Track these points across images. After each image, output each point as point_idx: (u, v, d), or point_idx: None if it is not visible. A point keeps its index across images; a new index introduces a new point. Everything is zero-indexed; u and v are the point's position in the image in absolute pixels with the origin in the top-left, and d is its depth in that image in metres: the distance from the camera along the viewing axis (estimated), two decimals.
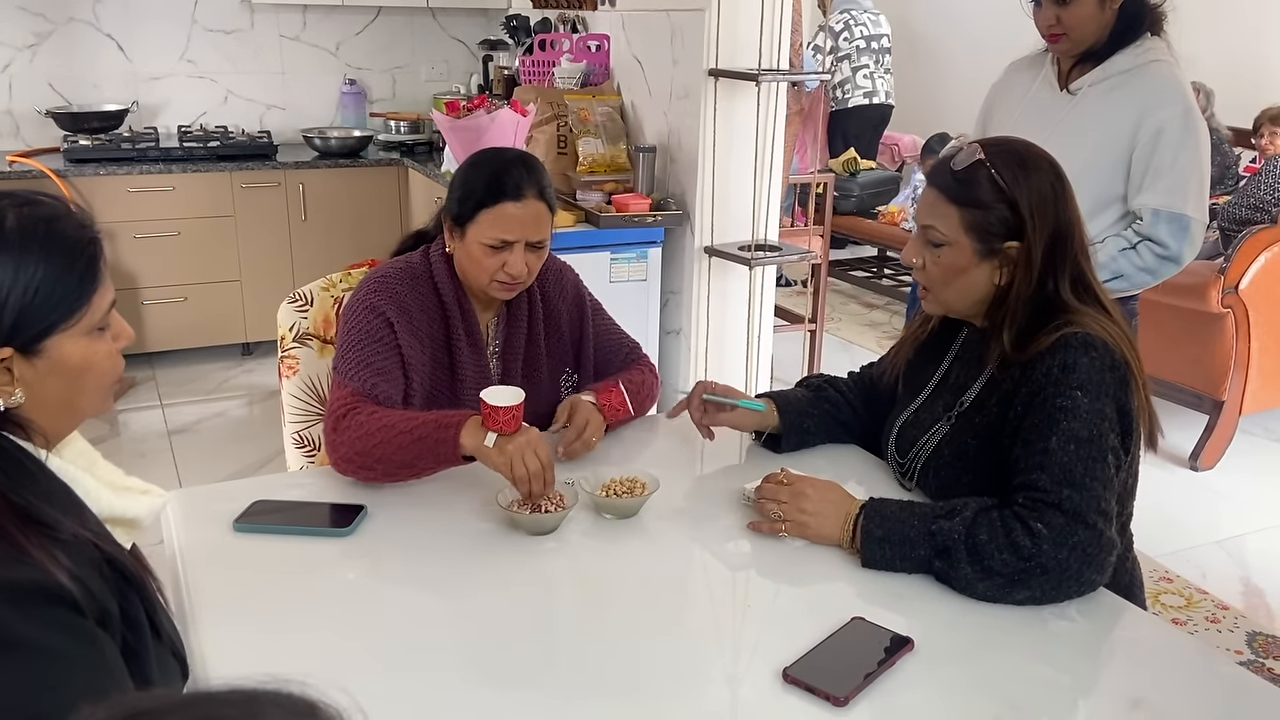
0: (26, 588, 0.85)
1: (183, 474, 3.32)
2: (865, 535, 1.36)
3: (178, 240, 4.08)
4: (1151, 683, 1.20)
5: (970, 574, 1.29)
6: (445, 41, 4.87)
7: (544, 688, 1.14)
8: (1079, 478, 1.31)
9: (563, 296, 1.85)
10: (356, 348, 1.64)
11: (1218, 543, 3.05)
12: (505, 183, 1.64)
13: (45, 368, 0.95)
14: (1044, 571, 1.27)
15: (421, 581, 1.36)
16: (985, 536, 1.29)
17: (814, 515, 1.42)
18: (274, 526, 1.44)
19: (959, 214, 1.42)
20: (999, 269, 1.44)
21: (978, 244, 1.43)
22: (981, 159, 1.41)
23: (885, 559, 1.35)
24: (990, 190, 1.41)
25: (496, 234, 1.64)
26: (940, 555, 1.32)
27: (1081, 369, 1.36)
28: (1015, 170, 1.41)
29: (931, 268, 1.47)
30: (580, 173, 3.36)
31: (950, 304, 1.50)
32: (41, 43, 4.20)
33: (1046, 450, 1.34)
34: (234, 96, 4.54)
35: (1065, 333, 1.38)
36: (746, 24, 3.06)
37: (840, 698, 1.09)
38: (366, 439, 1.53)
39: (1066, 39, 2.03)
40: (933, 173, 1.47)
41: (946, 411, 1.53)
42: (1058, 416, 1.34)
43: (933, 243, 1.46)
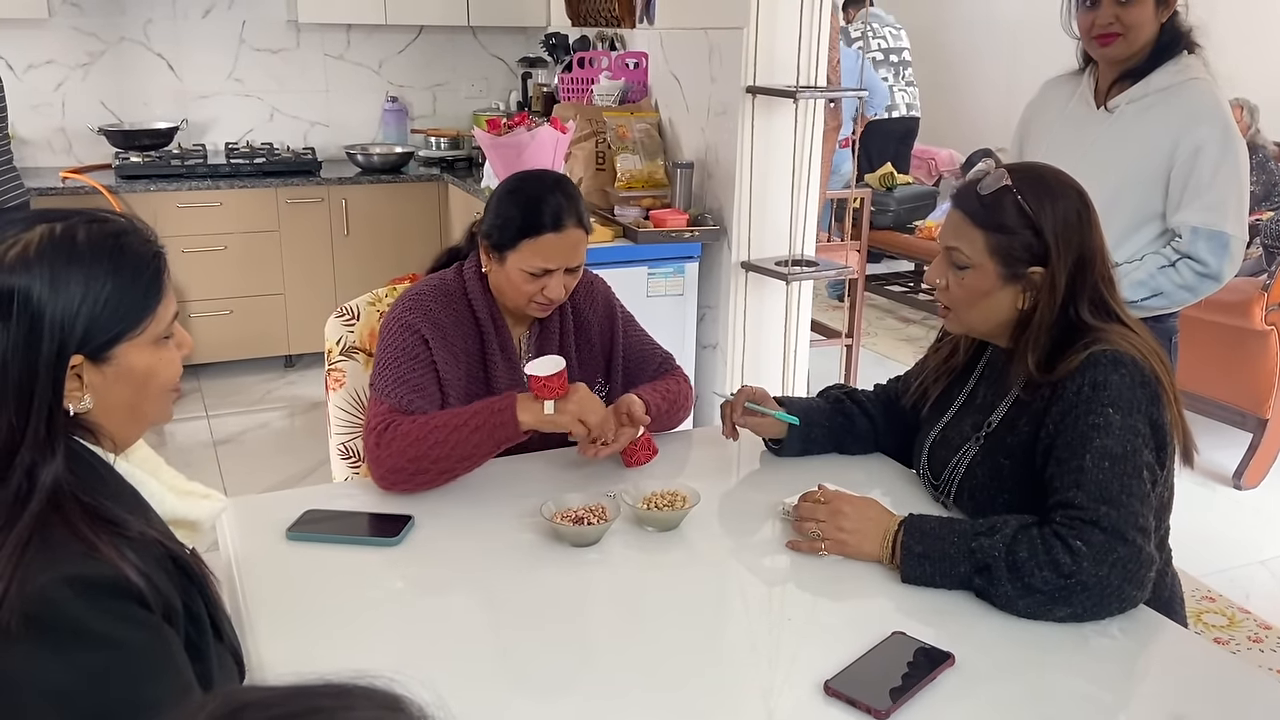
0: (97, 583, 0.90)
1: (228, 484, 3.38)
2: (905, 551, 1.37)
3: (224, 254, 4.17)
4: (1192, 702, 1.20)
5: (1011, 591, 1.30)
6: (485, 59, 4.94)
7: (584, 697, 1.16)
8: (1115, 494, 1.32)
9: (593, 308, 1.88)
10: (393, 365, 1.68)
11: (1261, 563, 3.01)
12: (545, 212, 1.68)
13: (113, 375, 1.00)
14: (1085, 589, 1.27)
15: (466, 590, 1.39)
16: (1025, 554, 1.30)
17: (853, 533, 1.43)
18: (325, 536, 1.48)
19: (984, 238, 1.44)
20: (1022, 294, 1.45)
21: (1002, 268, 1.44)
22: (1008, 184, 1.42)
23: (925, 575, 1.36)
24: (1016, 216, 1.42)
25: (538, 263, 1.68)
26: (980, 572, 1.32)
27: (1113, 386, 1.36)
28: (1041, 196, 1.42)
29: (955, 289, 1.48)
30: (618, 188, 3.39)
31: (972, 325, 1.52)
32: (94, 62, 4.31)
33: (1081, 469, 1.34)
34: (279, 114, 4.63)
35: (1094, 351, 1.39)
36: (784, 41, 3.08)
37: (881, 711, 1.10)
38: (418, 444, 1.57)
39: (1122, 40, 2.00)
40: (959, 195, 1.49)
41: (975, 431, 1.54)
42: (1091, 434, 1.35)
43: (957, 265, 1.47)
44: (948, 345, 1.67)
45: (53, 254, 0.96)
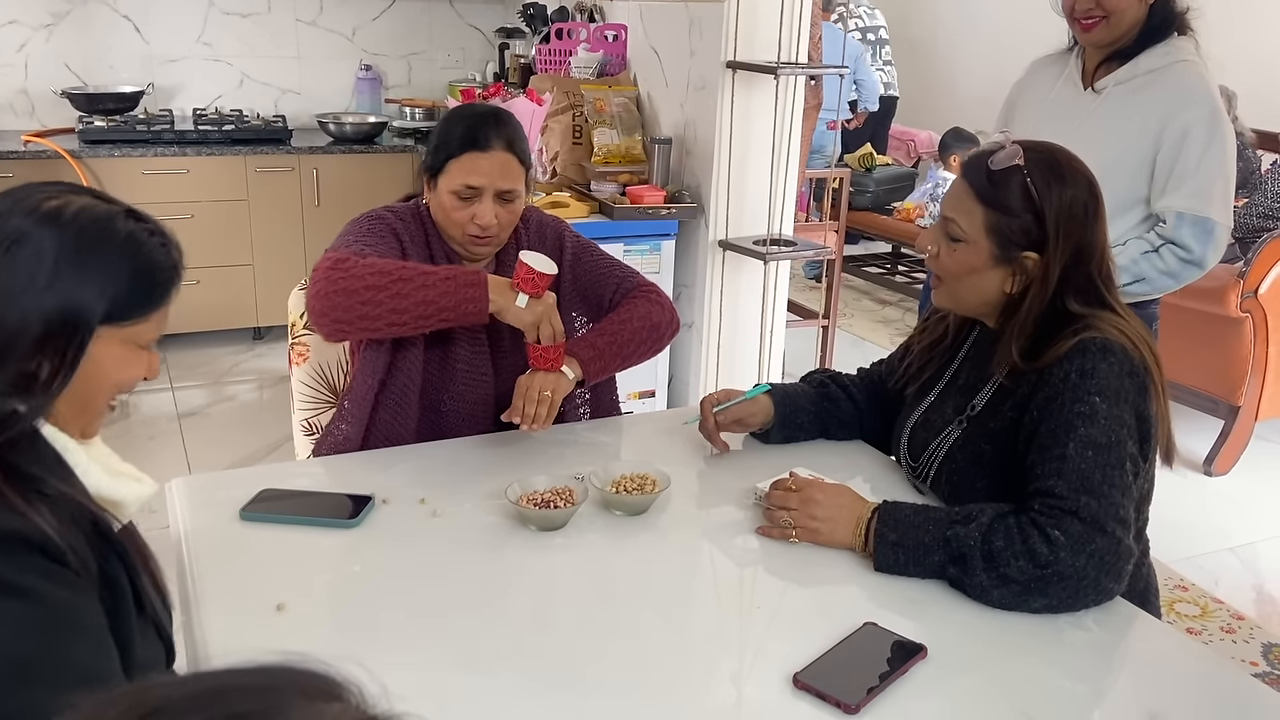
0: (10, 535, 0.89)
1: (192, 457, 3.31)
2: (879, 539, 1.34)
3: (191, 223, 4.06)
4: (1167, 694, 1.18)
5: (985, 581, 1.27)
6: (462, 29, 4.84)
7: (550, 684, 1.13)
8: (1097, 485, 1.29)
9: (544, 244, 1.85)
10: (356, 239, 1.68)
11: (1231, 549, 3.02)
12: (470, 131, 1.68)
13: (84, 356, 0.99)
14: (1061, 579, 1.25)
15: (428, 575, 1.35)
16: (1002, 543, 1.27)
17: (825, 520, 1.39)
18: (280, 516, 1.43)
19: (984, 214, 1.40)
20: (1012, 277, 1.42)
21: (996, 248, 1.40)
22: (1019, 164, 1.38)
23: (898, 564, 1.33)
24: (1021, 198, 1.38)
25: (462, 181, 1.67)
26: (955, 562, 1.29)
27: (1100, 374, 1.33)
28: (1051, 182, 1.38)
29: (945, 260, 1.45)
30: (595, 163, 3.33)
31: (959, 299, 1.48)
32: (58, 23, 4.19)
33: (1064, 457, 1.31)
34: (249, 80, 4.52)
35: (1084, 338, 1.36)
36: (766, 16, 3.03)
37: (852, 705, 1.07)
38: (377, 276, 1.54)
39: (1105, 24, 1.97)
40: (968, 166, 1.44)
41: (958, 415, 1.51)
42: (1075, 422, 1.32)
43: (951, 236, 1.44)
44: (935, 326, 1.63)
45: (86, 222, 0.99)
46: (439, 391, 1.75)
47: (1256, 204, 3.98)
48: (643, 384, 3.35)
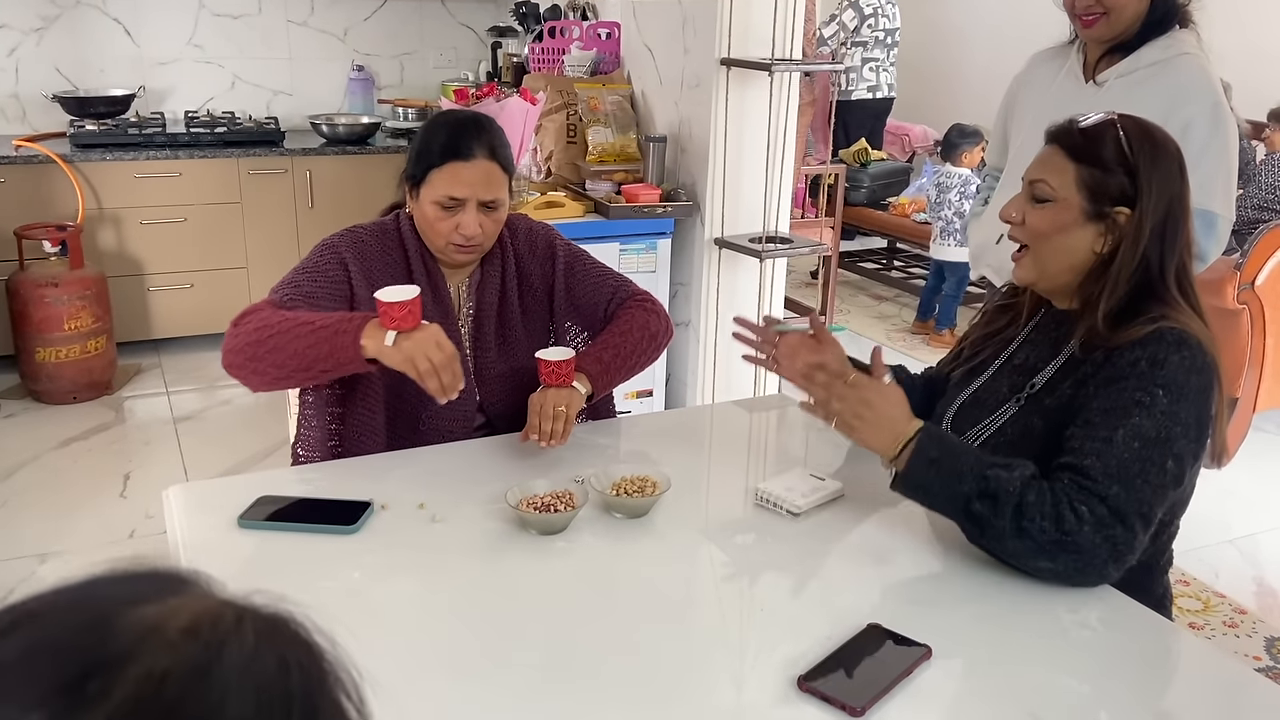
0: None
1: (188, 461, 3.30)
2: (918, 452, 1.34)
3: (184, 226, 4.06)
4: (1173, 693, 1.18)
5: (1006, 527, 1.28)
6: (454, 28, 4.83)
7: (551, 688, 1.12)
8: (1132, 477, 1.29)
9: (534, 253, 1.83)
10: (297, 273, 1.68)
11: (1230, 541, 3.02)
12: (452, 141, 1.66)
13: None
14: (1077, 551, 1.26)
15: (428, 580, 1.34)
16: (1034, 498, 1.28)
17: (867, 422, 1.38)
18: (279, 523, 1.42)
19: (1075, 170, 1.39)
20: (1104, 235, 1.39)
21: (1088, 204, 1.39)
22: (1114, 119, 1.39)
23: (925, 483, 1.33)
24: (1114, 153, 1.38)
25: (445, 192, 1.65)
26: (984, 498, 1.29)
27: (1171, 367, 1.32)
28: (1144, 142, 1.38)
29: (1033, 221, 1.43)
30: (590, 162, 3.32)
31: (1045, 265, 1.44)
32: (48, 26, 4.17)
33: (1110, 440, 1.30)
34: (241, 82, 4.50)
35: (1163, 326, 1.34)
36: (759, 12, 3.02)
37: (857, 708, 1.07)
38: (262, 331, 1.52)
39: (1105, 20, 1.95)
40: (1056, 132, 1.44)
41: (1015, 394, 1.49)
42: (1132, 410, 1.31)
43: (1038, 198, 1.42)
44: (996, 316, 1.61)
45: None
46: (415, 410, 1.72)
47: (1251, 195, 3.98)
48: (640, 384, 3.34)
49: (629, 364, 1.75)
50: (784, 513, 1.48)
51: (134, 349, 4.11)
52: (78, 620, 0.45)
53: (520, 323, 1.81)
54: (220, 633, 0.45)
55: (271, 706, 0.44)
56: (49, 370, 3.64)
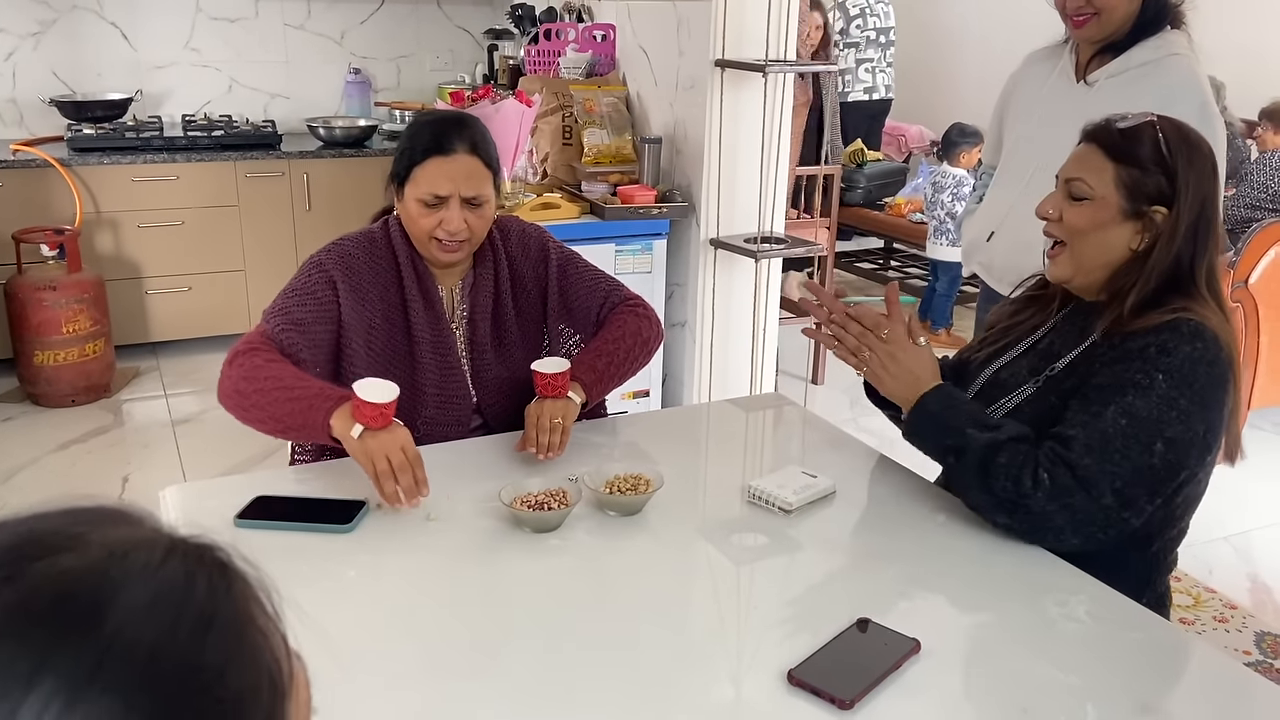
0: None
1: (186, 464, 3.31)
2: (921, 404, 1.45)
3: (182, 230, 4.07)
4: (1161, 686, 1.19)
5: (972, 481, 1.39)
6: (450, 30, 4.84)
7: (546, 685, 1.13)
8: (1112, 451, 1.32)
9: (527, 255, 1.84)
10: (287, 295, 1.69)
11: (1224, 538, 3.03)
12: (432, 137, 1.67)
13: None
14: (1028, 512, 1.34)
15: (423, 578, 1.35)
16: (1004, 460, 1.35)
17: (891, 374, 1.49)
18: (274, 523, 1.43)
19: (1114, 170, 1.42)
20: (1140, 233, 1.42)
21: (1125, 202, 1.42)
22: (1153, 120, 1.42)
23: (920, 432, 1.46)
24: (1152, 153, 1.41)
25: (428, 188, 1.66)
26: (955, 453, 1.41)
27: (1178, 355, 1.34)
28: (1181, 143, 1.41)
29: (1071, 218, 1.46)
30: (585, 164, 3.33)
31: (1082, 260, 1.47)
32: (45, 31, 4.18)
33: (1099, 415, 1.35)
34: (238, 85, 4.52)
35: (1181, 317, 1.37)
36: (753, 14, 3.03)
37: (846, 700, 1.08)
38: (252, 381, 1.56)
39: (1096, 21, 1.98)
40: (1093, 131, 1.48)
41: (1034, 375, 1.52)
42: (1128, 389, 1.34)
43: (1075, 196, 1.45)
44: (1023, 305, 1.63)
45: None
46: (411, 412, 1.72)
47: (1243, 194, 3.99)
48: (636, 384, 3.35)
49: (621, 371, 1.76)
50: (776, 510, 1.49)
51: (132, 352, 4.12)
52: (8, 537, 0.48)
53: (515, 325, 1.82)
54: (133, 545, 0.48)
55: (164, 608, 0.46)
56: (47, 373, 3.65)
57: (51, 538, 0.48)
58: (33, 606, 0.45)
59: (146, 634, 0.45)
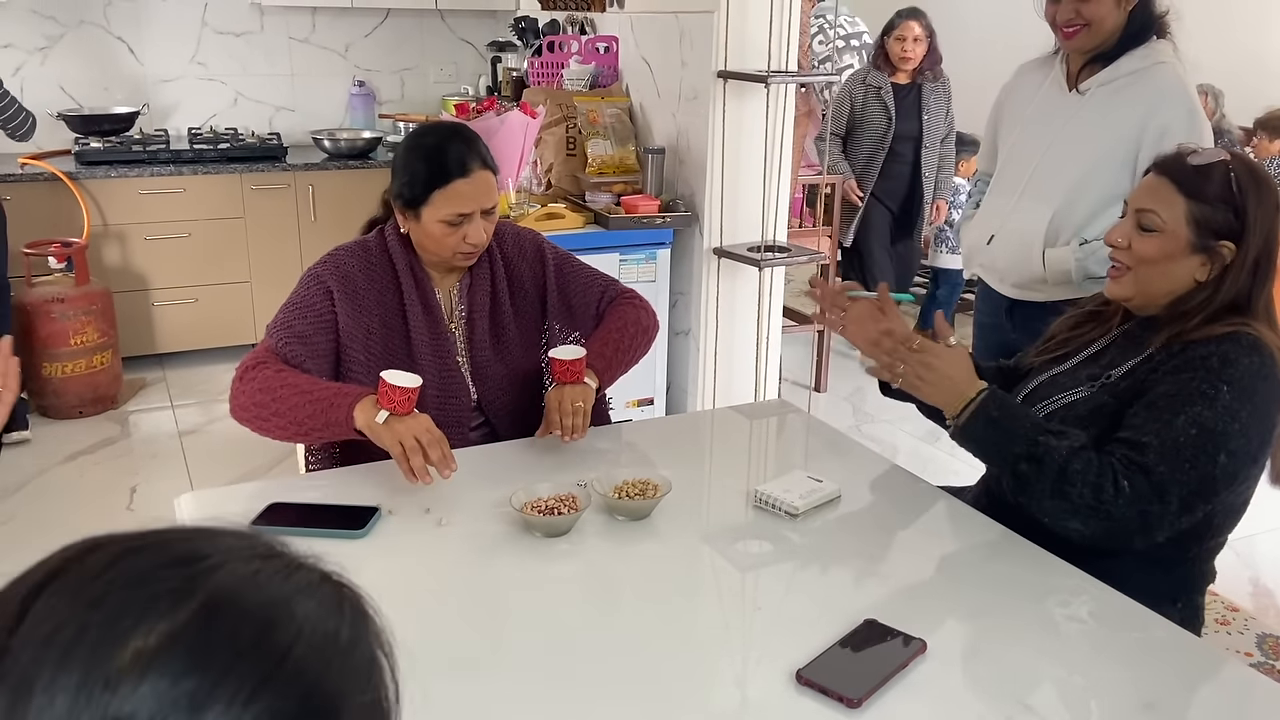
0: None
1: (194, 475, 3.33)
2: (980, 410, 1.43)
3: (188, 242, 4.10)
4: (1163, 684, 1.21)
5: (1047, 489, 1.37)
6: (454, 43, 4.88)
7: (555, 688, 1.15)
8: (1183, 460, 1.35)
9: (523, 256, 1.89)
10: (288, 309, 1.73)
11: (1228, 542, 3.04)
12: (450, 160, 1.70)
13: None
14: (1109, 519, 1.35)
15: (435, 582, 1.37)
16: (1079, 467, 1.36)
17: (929, 382, 1.48)
18: (289, 528, 1.45)
19: (1185, 204, 1.45)
20: (1206, 265, 1.45)
21: (1194, 236, 1.44)
22: (1225, 158, 1.45)
23: (983, 437, 1.44)
24: (1223, 190, 1.44)
25: (453, 210, 1.70)
26: (1031, 460, 1.39)
27: (1240, 367, 1.38)
28: (1250, 180, 1.44)
29: (1140, 248, 1.48)
30: (589, 174, 3.36)
31: (1147, 286, 1.50)
32: (52, 45, 4.22)
33: (1170, 424, 1.37)
34: (244, 99, 4.55)
35: (1240, 330, 1.41)
36: (755, 25, 3.06)
37: (854, 699, 1.10)
38: (268, 392, 1.60)
39: (1086, 32, 2.05)
40: (1165, 163, 1.50)
41: (1091, 381, 1.54)
42: (1196, 399, 1.37)
43: (1145, 227, 1.48)
44: (1084, 318, 1.66)
45: None
46: None
47: None
48: (641, 392, 3.38)
49: (628, 358, 1.84)
50: (782, 513, 1.51)
51: (139, 363, 4.15)
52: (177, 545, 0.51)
53: (513, 323, 1.87)
54: (295, 562, 0.52)
55: (327, 620, 0.50)
56: (55, 385, 3.67)
57: (199, 551, 0.50)
58: (217, 619, 0.47)
59: (312, 648, 0.49)
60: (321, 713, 0.48)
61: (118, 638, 0.46)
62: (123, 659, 0.45)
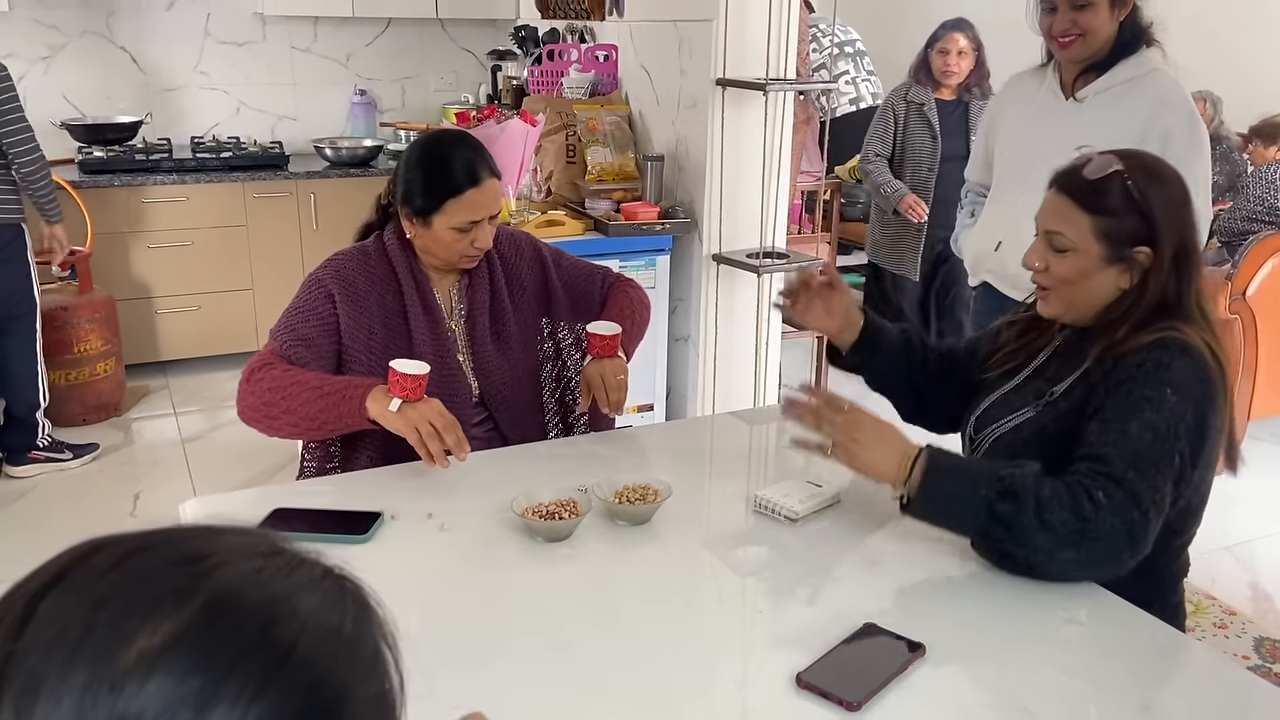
0: None
1: (197, 481, 3.34)
2: (930, 467, 1.36)
3: (191, 250, 4.12)
4: (1161, 688, 1.22)
5: (1033, 522, 1.30)
6: (454, 52, 4.90)
7: (557, 691, 1.16)
8: (1146, 465, 1.34)
9: (520, 256, 1.95)
10: (291, 313, 1.77)
11: (1227, 548, 3.05)
12: (461, 171, 1.75)
13: None
14: (1097, 538, 1.30)
15: (437, 587, 1.38)
16: (1049, 492, 1.32)
17: (866, 446, 1.40)
18: (293, 534, 1.45)
19: (1090, 221, 1.44)
20: (1126, 273, 1.45)
21: (1107, 250, 1.44)
22: (1119, 169, 1.43)
23: (943, 495, 1.35)
24: (1124, 199, 1.43)
25: (465, 218, 1.76)
26: (1006, 498, 1.32)
27: (1175, 370, 1.38)
28: (1149, 181, 1.43)
29: (1057, 269, 1.48)
30: (589, 181, 3.38)
31: (1072, 303, 1.50)
32: (55, 55, 4.24)
33: (1125, 432, 1.36)
34: (246, 108, 4.58)
35: (1167, 335, 1.41)
36: (754, 34, 3.08)
37: (854, 703, 1.11)
38: (276, 392, 1.64)
39: (1081, 41, 2.10)
40: (1063, 179, 1.48)
41: (1036, 399, 1.54)
42: (1143, 405, 1.36)
43: (1057, 248, 1.47)
44: (1028, 325, 1.64)
45: None
46: None
47: (1240, 207, 4.03)
48: (641, 398, 3.39)
49: (640, 333, 2.01)
50: (782, 518, 1.52)
51: (142, 371, 4.16)
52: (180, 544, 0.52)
53: (513, 320, 1.91)
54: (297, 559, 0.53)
55: (330, 615, 0.51)
56: (59, 393, 3.68)
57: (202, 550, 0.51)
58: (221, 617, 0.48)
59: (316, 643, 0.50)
60: (327, 706, 0.49)
61: (123, 638, 0.46)
62: (128, 658, 0.46)
